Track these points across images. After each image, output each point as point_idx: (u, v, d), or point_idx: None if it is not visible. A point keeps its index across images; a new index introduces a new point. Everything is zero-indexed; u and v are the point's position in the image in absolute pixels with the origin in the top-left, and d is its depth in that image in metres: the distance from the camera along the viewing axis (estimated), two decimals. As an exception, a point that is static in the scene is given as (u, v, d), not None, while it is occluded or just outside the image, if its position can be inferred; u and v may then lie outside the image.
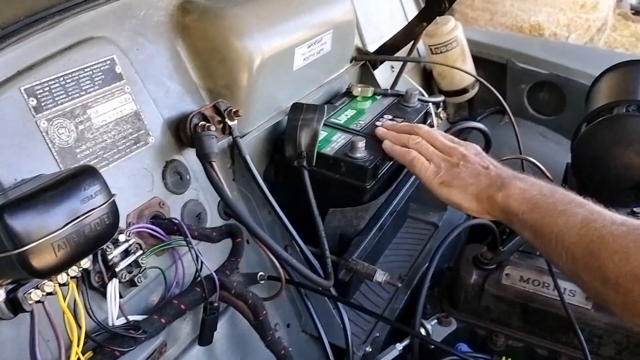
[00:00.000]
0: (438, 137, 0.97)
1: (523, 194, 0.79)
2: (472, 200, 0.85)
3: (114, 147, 0.80)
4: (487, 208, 0.84)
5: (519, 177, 0.83)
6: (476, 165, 0.88)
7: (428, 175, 0.91)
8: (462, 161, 0.89)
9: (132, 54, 0.85)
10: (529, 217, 0.76)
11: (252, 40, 0.96)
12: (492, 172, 0.85)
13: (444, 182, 0.89)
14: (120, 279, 0.72)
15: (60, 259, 0.56)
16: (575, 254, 0.69)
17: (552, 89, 1.71)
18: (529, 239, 0.78)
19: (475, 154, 0.91)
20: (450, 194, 0.88)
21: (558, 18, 5.58)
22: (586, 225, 0.69)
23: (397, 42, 1.37)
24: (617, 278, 0.64)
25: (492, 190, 0.82)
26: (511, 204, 0.79)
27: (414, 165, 0.93)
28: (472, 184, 0.85)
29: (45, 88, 0.72)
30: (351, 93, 1.26)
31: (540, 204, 0.76)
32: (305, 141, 1.01)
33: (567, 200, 0.75)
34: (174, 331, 0.84)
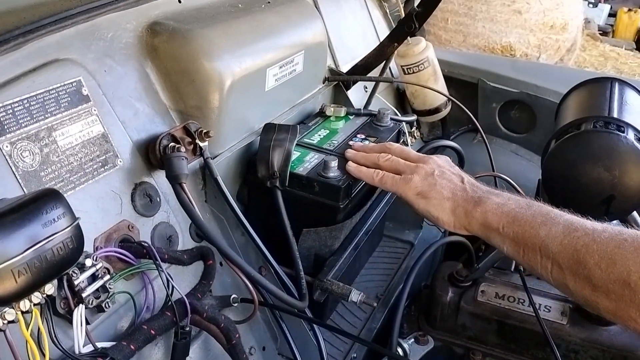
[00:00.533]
0: (410, 150, 0.98)
1: (501, 208, 0.79)
2: (450, 215, 0.84)
3: (81, 169, 0.78)
4: (464, 223, 0.84)
5: (494, 192, 0.83)
6: (452, 177, 0.88)
7: (402, 186, 0.90)
8: (437, 171, 0.89)
9: (99, 75, 0.84)
10: (509, 230, 0.76)
11: (222, 61, 0.96)
12: (467, 187, 0.85)
13: (420, 193, 0.88)
14: (87, 305, 0.70)
15: (21, 285, 0.55)
16: (561, 264, 0.70)
17: (522, 107, 1.73)
18: (510, 252, 0.78)
19: (450, 165, 0.92)
20: (428, 206, 0.87)
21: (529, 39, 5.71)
22: (569, 235, 0.70)
23: (369, 62, 1.38)
24: (606, 285, 0.65)
25: (469, 205, 0.82)
26: (490, 219, 0.79)
27: (384, 182, 0.93)
28: (448, 199, 0.85)
29: (9, 111, 0.71)
30: (324, 113, 1.26)
31: (519, 216, 0.76)
32: (278, 161, 1.01)
33: (545, 211, 0.75)
34: (145, 358, 0.82)
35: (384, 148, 1.01)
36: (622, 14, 7.26)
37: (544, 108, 1.66)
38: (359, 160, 1.01)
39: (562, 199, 1.08)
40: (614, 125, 1.03)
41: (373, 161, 0.98)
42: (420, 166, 0.90)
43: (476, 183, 0.87)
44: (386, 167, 0.95)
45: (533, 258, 0.74)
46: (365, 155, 1.01)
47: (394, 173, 0.93)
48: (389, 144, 1.04)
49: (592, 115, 1.07)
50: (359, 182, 1.07)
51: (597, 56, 6.39)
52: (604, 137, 1.02)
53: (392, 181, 0.92)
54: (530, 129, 1.74)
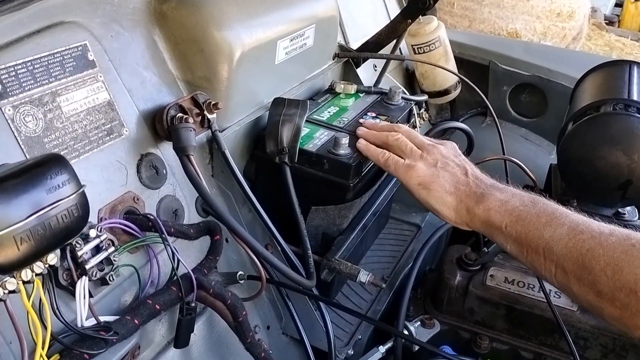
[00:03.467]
0: (417, 135, 0.94)
1: (504, 205, 0.75)
2: (451, 210, 0.81)
3: (85, 137, 0.75)
4: (465, 220, 0.81)
5: (499, 188, 0.79)
6: (455, 170, 0.84)
7: (405, 172, 0.87)
8: (440, 162, 0.85)
9: (105, 41, 0.81)
10: (513, 230, 0.73)
11: (232, 31, 0.92)
12: (471, 181, 0.81)
13: (422, 183, 0.84)
14: (91, 277, 0.67)
15: (23, 253, 0.52)
16: (565, 268, 0.67)
17: (534, 91, 1.70)
18: (513, 252, 0.75)
19: (455, 155, 0.88)
20: (428, 198, 0.83)
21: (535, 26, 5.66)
22: (574, 237, 0.67)
23: (381, 39, 1.34)
24: (612, 292, 0.62)
25: (471, 202, 0.79)
26: (492, 217, 0.75)
27: (388, 165, 0.90)
28: (450, 193, 0.81)
29: (11, 73, 0.68)
30: (334, 90, 1.23)
31: (523, 215, 0.73)
32: (287, 137, 0.98)
33: (550, 210, 0.72)
34: (148, 333, 0.80)
35: (393, 128, 0.98)
36: (629, 4, 7.19)
37: (555, 92, 1.63)
38: (369, 138, 0.98)
39: (577, 182, 1.06)
40: (634, 108, 1.00)
41: (382, 140, 0.95)
42: (425, 155, 0.87)
43: (480, 176, 0.83)
44: (393, 146, 0.92)
45: (537, 259, 0.71)
46: (376, 133, 0.98)
47: (399, 154, 0.90)
48: (398, 125, 1.00)
49: (611, 98, 1.04)
50: (369, 161, 1.05)
51: (602, 45, 6.34)
52: (624, 119, 0.99)
53: (395, 165, 0.89)
54: (541, 113, 1.71)
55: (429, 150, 0.88)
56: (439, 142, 0.92)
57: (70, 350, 0.64)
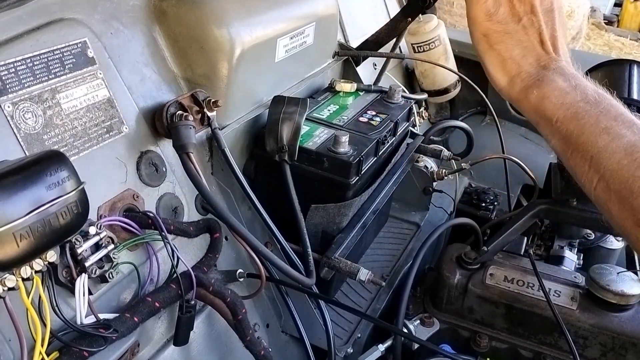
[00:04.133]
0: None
1: (563, 97, 0.65)
2: (505, 79, 0.69)
3: (85, 134, 0.75)
4: (516, 96, 0.69)
5: (565, 73, 0.67)
6: (534, 34, 0.68)
7: (478, 13, 0.69)
8: (526, 17, 0.69)
9: (105, 38, 0.81)
10: (564, 127, 0.64)
11: (232, 28, 0.92)
12: (542, 55, 0.68)
13: (488, 35, 0.69)
14: (90, 275, 0.67)
15: (23, 249, 0.52)
16: (610, 184, 0.60)
17: (533, 90, 1.70)
18: (557, 149, 0.67)
19: (547, 10, 0.70)
20: (487, 55, 0.69)
21: (534, 25, 5.65)
22: (631, 155, 0.59)
23: (381, 38, 1.34)
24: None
25: (530, 80, 0.67)
26: (546, 107, 0.65)
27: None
28: (514, 61, 0.68)
29: (11, 69, 0.67)
30: (333, 88, 1.23)
31: (581, 114, 0.63)
32: (287, 135, 0.97)
33: (614, 114, 0.63)
34: (148, 331, 0.79)
35: None
36: (628, 4, 7.20)
37: (555, 91, 1.62)
38: None
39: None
40: (634, 108, 1.00)
41: None
42: (513, 3, 0.69)
43: (558, 50, 0.69)
44: None
45: (580, 164, 0.63)
46: None
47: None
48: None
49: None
50: (369, 159, 1.05)
51: (601, 45, 6.35)
52: (624, 119, 0.99)
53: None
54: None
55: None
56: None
57: (69, 347, 0.64)
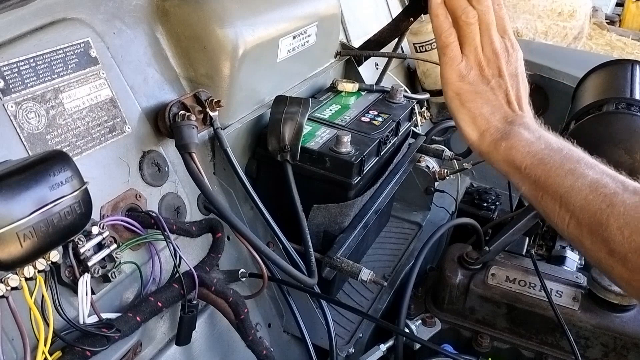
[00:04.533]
0: (492, 27, 0.76)
1: (529, 147, 0.70)
2: (475, 134, 0.74)
3: (88, 134, 0.75)
4: (486, 149, 0.73)
5: (530, 127, 0.72)
6: (501, 96, 0.74)
7: (451, 75, 0.74)
8: (493, 80, 0.74)
9: (108, 37, 0.81)
10: (532, 172, 0.69)
11: (234, 28, 0.92)
12: (509, 114, 0.73)
13: (460, 95, 0.74)
14: (93, 274, 0.67)
15: (26, 249, 0.52)
16: (580, 220, 0.64)
17: (535, 90, 1.70)
18: (528, 195, 0.71)
19: (513, 74, 0.75)
20: (459, 112, 0.74)
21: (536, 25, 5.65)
22: (595, 190, 0.63)
23: (383, 38, 1.34)
24: (625, 253, 0.60)
25: (498, 134, 0.72)
26: (514, 156, 0.70)
27: (443, 53, 0.75)
28: (483, 117, 0.73)
29: (14, 69, 0.68)
30: (335, 88, 1.23)
31: (546, 159, 0.69)
32: (289, 135, 0.98)
33: (576, 158, 0.68)
34: (150, 330, 0.80)
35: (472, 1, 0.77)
36: (630, 3, 7.19)
37: (557, 91, 1.63)
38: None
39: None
40: (636, 108, 1.00)
41: (455, 8, 0.75)
42: (483, 66, 0.74)
43: (518, 111, 0.74)
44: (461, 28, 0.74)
45: (551, 206, 0.67)
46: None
47: (461, 40, 0.74)
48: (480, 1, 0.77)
49: (613, 97, 1.04)
50: (371, 159, 1.05)
51: (603, 45, 6.34)
52: (626, 118, 0.99)
53: (448, 61, 0.74)
54: (542, 112, 1.70)
55: (490, 57, 0.75)
56: (511, 45, 0.77)
57: (72, 347, 0.64)
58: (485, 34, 0.75)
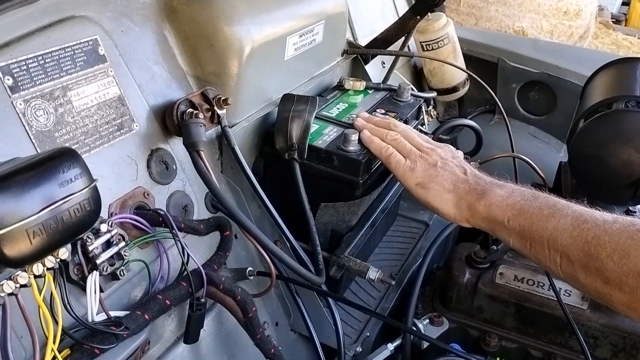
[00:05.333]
0: (415, 135, 0.94)
1: (505, 200, 0.75)
2: (451, 207, 0.82)
3: (96, 132, 0.75)
4: (466, 216, 0.81)
5: (498, 184, 0.80)
6: (454, 169, 0.84)
7: (404, 172, 0.87)
8: (439, 162, 0.86)
9: (116, 35, 0.81)
10: (515, 223, 0.73)
11: (242, 26, 0.92)
12: (470, 179, 0.82)
13: (420, 183, 0.85)
14: (102, 272, 0.67)
15: (36, 247, 0.52)
16: (571, 257, 0.68)
17: (543, 88, 1.69)
18: (517, 246, 0.75)
19: (453, 156, 0.89)
20: (427, 196, 0.84)
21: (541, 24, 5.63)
22: (578, 227, 0.67)
23: (389, 36, 1.34)
24: (620, 278, 0.63)
25: (472, 198, 0.79)
26: (494, 212, 0.76)
27: (389, 162, 0.90)
28: (449, 191, 0.82)
29: (23, 67, 0.67)
30: (343, 86, 1.22)
31: (526, 209, 0.73)
32: (296, 133, 0.97)
33: (552, 203, 0.72)
34: (158, 328, 0.79)
35: (390, 126, 0.97)
36: (636, 2, 7.15)
37: (565, 90, 1.62)
38: (367, 131, 0.97)
39: (588, 180, 1.05)
40: (646, 105, 0.99)
41: (380, 136, 0.95)
42: (424, 156, 0.87)
43: (479, 174, 0.83)
44: (391, 146, 0.92)
45: (541, 251, 0.71)
46: (374, 128, 0.98)
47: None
48: (394, 122, 0.99)
49: (623, 95, 1.03)
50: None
51: (609, 44, 6.31)
52: (636, 117, 0.98)
53: (396, 164, 0.88)
54: (549, 111, 1.70)
55: (427, 151, 0.89)
56: (437, 144, 0.92)
57: (81, 345, 0.64)
58: (412, 140, 0.92)
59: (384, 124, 0.98)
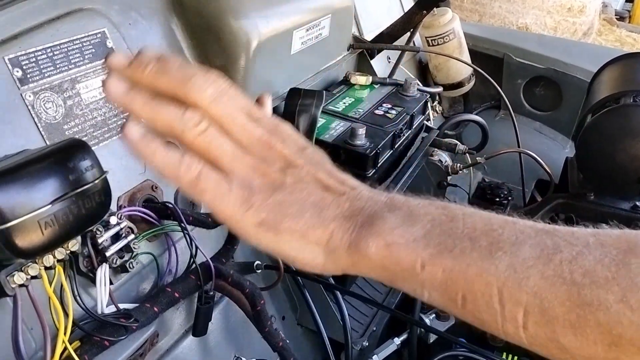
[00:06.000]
0: (236, 119, 0.46)
1: (411, 233, 0.43)
2: (319, 254, 0.46)
3: (105, 125, 0.75)
4: (346, 264, 0.46)
5: (386, 202, 0.46)
6: (311, 186, 0.47)
7: (231, 209, 0.45)
8: (288, 174, 0.47)
9: (124, 28, 0.81)
10: (437, 268, 0.43)
11: (249, 19, 0.92)
12: (341, 199, 0.46)
13: (264, 221, 0.46)
14: (111, 264, 0.67)
15: (48, 238, 0.52)
16: (545, 312, 0.41)
17: (548, 84, 1.69)
18: (439, 302, 0.44)
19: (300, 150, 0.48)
20: (278, 242, 0.46)
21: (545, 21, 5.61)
22: (550, 261, 0.41)
23: (395, 31, 1.33)
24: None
25: (351, 234, 0.45)
26: (398, 254, 0.43)
27: (196, 193, 0.46)
28: (311, 226, 0.45)
29: (32, 59, 0.67)
30: (349, 81, 1.22)
31: (448, 242, 0.43)
32: (303, 127, 0.97)
33: (484, 221, 0.43)
34: (166, 321, 0.79)
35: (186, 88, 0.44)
36: (641, -2, 7.13)
37: (571, 85, 1.61)
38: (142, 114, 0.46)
39: (596, 175, 1.05)
40: (657, 100, 0.99)
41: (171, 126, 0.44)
42: (260, 168, 0.46)
43: (351, 183, 0.48)
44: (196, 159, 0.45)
45: (486, 309, 0.42)
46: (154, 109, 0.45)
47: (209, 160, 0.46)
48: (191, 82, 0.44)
49: (631, 90, 1.03)
50: (386, 152, 1.04)
51: (613, 41, 6.29)
52: (645, 111, 0.98)
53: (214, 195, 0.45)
54: (555, 106, 1.70)
55: (265, 155, 0.47)
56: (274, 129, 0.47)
57: (90, 336, 0.64)
58: (231, 129, 0.46)
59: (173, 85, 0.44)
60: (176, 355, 0.80)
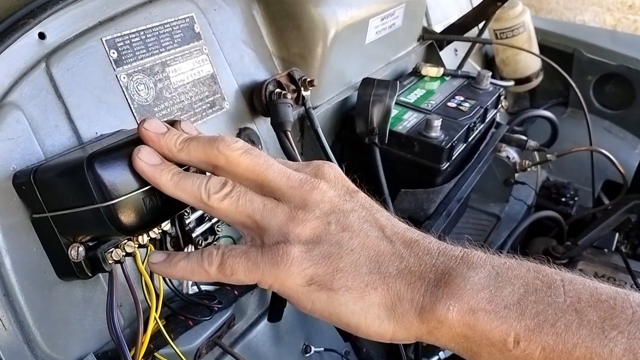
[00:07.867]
0: (272, 160, 0.46)
1: (501, 297, 0.37)
2: (385, 319, 0.39)
3: (191, 109, 0.76)
4: (421, 331, 0.39)
5: (469, 260, 0.40)
6: (362, 232, 0.42)
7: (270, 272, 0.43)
8: (332, 221, 0.42)
9: (209, 14, 0.81)
10: (532, 347, 0.36)
11: (328, 7, 0.91)
12: (404, 248, 0.41)
13: (313, 278, 0.41)
14: (197, 246, 0.68)
15: (150, 216, 0.53)
16: None
17: (620, 81, 1.62)
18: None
19: (348, 192, 0.46)
20: (336, 307, 0.40)
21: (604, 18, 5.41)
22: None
23: (467, 22, 1.30)
24: None
25: (426, 293, 0.39)
26: (485, 326, 0.37)
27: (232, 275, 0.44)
28: (371, 285, 0.40)
29: (127, 41, 0.69)
30: (419, 72, 1.21)
31: (547, 314, 0.36)
32: (377, 117, 0.96)
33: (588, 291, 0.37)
34: (241, 305, 0.80)
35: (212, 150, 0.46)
36: None
37: (645, 83, 1.55)
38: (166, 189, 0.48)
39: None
40: None
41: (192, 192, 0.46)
42: (294, 209, 0.42)
43: (419, 233, 0.43)
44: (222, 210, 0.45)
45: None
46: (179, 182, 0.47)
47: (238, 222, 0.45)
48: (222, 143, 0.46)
49: None
50: (460, 145, 1.02)
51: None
52: None
53: (247, 254, 0.43)
54: (626, 105, 1.63)
55: (299, 196, 0.43)
56: (311, 167, 0.47)
57: (176, 315, 0.65)
58: (266, 177, 0.44)
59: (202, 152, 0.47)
60: (250, 340, 0.80)
